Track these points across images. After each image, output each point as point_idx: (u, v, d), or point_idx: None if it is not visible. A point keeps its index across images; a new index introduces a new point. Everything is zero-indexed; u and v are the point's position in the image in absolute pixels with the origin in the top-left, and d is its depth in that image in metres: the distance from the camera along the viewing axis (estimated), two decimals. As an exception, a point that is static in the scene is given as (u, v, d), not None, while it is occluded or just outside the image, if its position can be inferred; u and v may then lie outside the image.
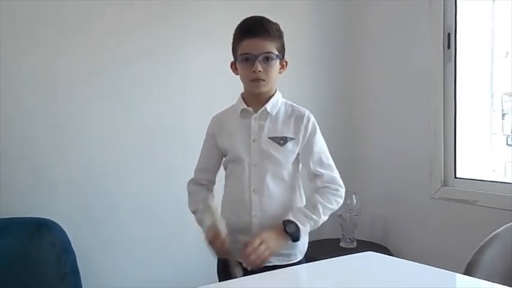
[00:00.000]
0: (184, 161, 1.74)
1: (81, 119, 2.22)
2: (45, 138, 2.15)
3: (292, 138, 1.59)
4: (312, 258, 1.56)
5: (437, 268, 1.28)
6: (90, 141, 2.24)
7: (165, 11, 2.38)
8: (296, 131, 1.60)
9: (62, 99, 2.18)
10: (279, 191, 1.59)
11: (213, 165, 1.71)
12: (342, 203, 1.63)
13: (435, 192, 2.49)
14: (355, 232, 2.65)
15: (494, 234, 1.48)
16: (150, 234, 2.36)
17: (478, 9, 2.47)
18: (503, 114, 2.52)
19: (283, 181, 1.60)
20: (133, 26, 2.31)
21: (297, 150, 1.61)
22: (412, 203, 2.62)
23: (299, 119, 1.61)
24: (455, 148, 2.45)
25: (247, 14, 1.61)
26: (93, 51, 2.23)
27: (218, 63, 2.03)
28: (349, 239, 2.64)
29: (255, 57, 1.53)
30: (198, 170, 1.72)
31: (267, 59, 1.54)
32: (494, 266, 1.42)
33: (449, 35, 2.43)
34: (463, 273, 1.36)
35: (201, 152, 1.73)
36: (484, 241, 1.47)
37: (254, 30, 1.54)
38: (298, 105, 1.66)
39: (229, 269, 1.50)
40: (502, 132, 2.51)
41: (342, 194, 1.62)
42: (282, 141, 1.58)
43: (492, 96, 2.53)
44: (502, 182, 2.31)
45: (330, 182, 1.60)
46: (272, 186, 1.58)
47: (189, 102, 2.44)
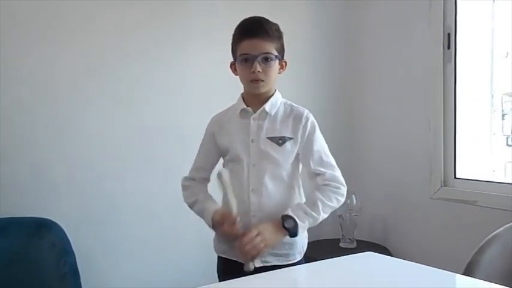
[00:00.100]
0: (184, 161, 1.74)
1: (81, 119, 2.22)
2: (45, 138, 2.15)
3: (290, 138, 1.59)
4: (312, 258, 1.56)
5: (437, 268, 1.28)
6: (90, 141, 2.24)
7: (164, 11, 2.38)
8: (295, 130, 1.60)
9: (62, 99, 2.18)
10: (277, 191, 1.59)
11: (211, 164, 1.71)
12: (343, 201, 1.62)
13: (435, 192, 2.49)
14: (355, 232, 2.65)
15: (494, 235, 1.48)
16: (150, 234, 2.36)
17: (478, 9, 2.47)
18: (503, 115, 2.52)
19: (282, 181, 1.60)
20: (133, 26, 2.31)
21: (295, 150, 1.60)
22: (412, 203, 2.62)
23: (298, 118, 1.61)
24: (455, 148, 2.45)
25: (246, 14, 1.61)
26: (93, 51, 2.23)
27: (218, 64, 2.04)
28: (349, 239, 2.64)
29: (254, 57, 1.53)
30: (195, 169, 1.72)
31: (266, 60, 1.54)
32: (494, 267, 1.42)
33: (449, 35, 2.43)
34: (463, 274, 1.36)
35: (199, 151, 1.73)
36: (483, 241, 1.47)
37: (253, 30, 1.54)
38: (297, 105, 1.66)
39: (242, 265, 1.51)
40: (502, 132, 2.51)
41: (343, 192, 1.61)
42: (280, 141, 1.58)
43: (492, 96, 2.53)
44: (502, 183, 2.31)
45: (331, 180, 1.59)
46: (271, 186, 1.58)
47: (189, 102, 2.44)
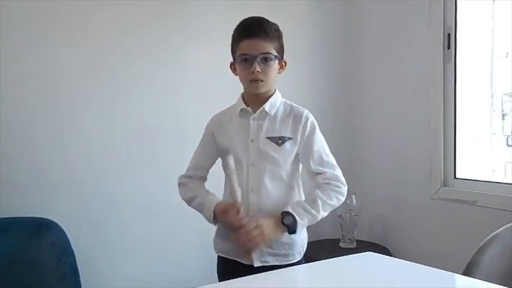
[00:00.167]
0: (184, 161, 1.73)
1: (81, 119, 2.22)
2: (45, 138, 2.15)
3: (290, 138, 1.59)
4: (312, 258, 1.56)
5: (436, 268, 1.28)
6: (90, 141, 2.24)
7: (164, 11, 2.38)
8: (294, 130, 1.60)
9: (62, 99, 2.18)
10: (277, 191, 1.59)
11: (209, 163, 1.71)
12: (343, 200, 1.62)
13: (435, 192, 2.49)
14: (355, 232, 2.65)
15: (494, 235, 1.48)
16: (150, 234, 2.36)
17: (478, 9, 2.47)
18: (503, 115, 2.52)
19: (282, 181, 1.60)
20: (133, 26, 2.31)
21: (295, 150, 1.60)
22: (411, 203, 2.62)
23: (297, 118, 1.61)
24: (455, 148, 2.45)
25: (246, 14, 1.61)
26: (92, 51, 2.23)
27: (218, 64, 2.04)
28: (349, 239, 2.64)
29: (254, 57, 1.53)
30: (193, 167, 1.71)
31: (266, 60, 1.54)
32: (494, 267, 1.42)
33: (449, 35, 2.43)
34: (463, 274, 1.35)
35: (197, 150, 1.72)
36: (483, 241, 1.47)
37: (252, 30, 1.55)
38: (297, 105, 1.66)
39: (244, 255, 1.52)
40: (502, 132, 2.51)
41: (343, 191, 1.60)
42: (279, 141, 1.58)
43: (492, 96, 2.53)
44: (501, 183, 2.31)
45: (332, 179, 1.59)
46: (270, 186, 1.58)
47: (189, 102, 2.44)
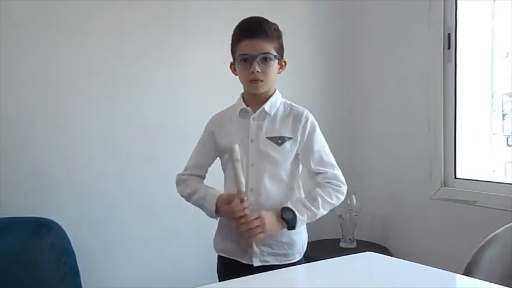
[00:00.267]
0: (184, 161, 1.73)
1: (81, 119, 2.22)
2: (45, 138, 2.15)
3: (290, 138, 1.59)
4: (312, 258, 1.56)
5: (436, 268, 1.28)
6: (90, 141, 2.24)
7: (164, 11, 2.38)
8: (294, 130, 1.60)
9: (62, 99, 2.18)
10: (276, 191, 1.59)
11: (208, 162, 1.71)
12: (343, 200, 1.63)
13: (435, 192, 2.48)
14: (355, 232, 2.65)
15: (494, 235, 1.48)
16: (150, 234, 2.36)
17: (478, 9, 2.47)
18: (503, 115, 2.52)
19: (281, 181, 1.60)
20: (132, 26, 2.31)
21: (295, 150, 1.60)
22: (412, 203, 2.62)
23: (297, 118, 1.61)
24: (455, 148, 2.45)
25: (246, 14, 1.61)
26: (92, 51, 2.23)
27: (217, 64, 2.04)
28: (349, 239, 2.64)
29: (253, 57, 1.53)
30: (192, 166, 1.71)
31: (265, 60, 1.54)
32: (494, 267, 1.42)
33: (449, 35, 2.42)
34: (463, 274, 1.36)
35: (196, 149, 1.72)
36: (483, 241, 1.47)
37: (252, 31, 1.55)
38: (297, 105, 1.66)
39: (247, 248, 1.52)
40: (502, 132, 2.51)
41: (343, 190, 1.61)
42: (279, 140, 1.58)
43: (492, 96, 2.53)
44: (502, 183, 2.30)
45: (332, 178, 1.60)
46: (270, 186, 1.58)
47: (189, 102, 2.44)
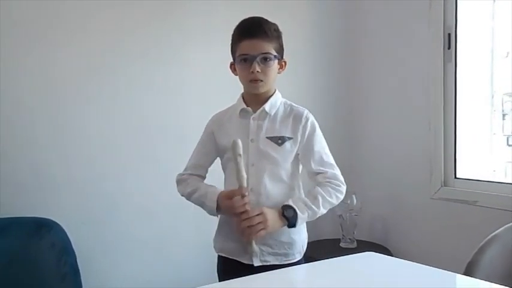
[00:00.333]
0: (184, 161, 1.73)
1: (81, 119, 2.21)
2: (45, 138, 2.15)
3: (290, 138, 1.59)
4: (312, 258, 1.56)
5: (437, 268, 1.28)
6: (90, 141, 2.24)
7: (164, 11, 2.38)
8: (294, 130, 1.60)
9: (62, 99, 2.18)
10: (277, 191, 1.59)
11: (209, 162, 1.72)
12: (342, 199, 1.64)
13: (435, 192, 2.48)
14: (355, 232, 2.65)
15: (494, 235, 1.48)
16: (150, 234, 2.36)
17: (479, 9, 2.47)
18: (503, 115, 2.52)
19: (281, 181, 1.60)
20: (132, 26, 2.31)
21: (295, 150, 1.61)
22: (412, 203, 2.61)
23: (297, 118, 1.61)
24: (455, 148, 2.45)
25: (246, 14, 1.61)
26: (92, 51, 2.22)
27: (217, 64, 2.04)
28: (349, 239, 2.64)
29: (253, 57, 1.53)
30: (192, 166, 1.71)
31: (265, 60, 1.55)
32: (494, 267, 1.42)
33: (449, 35, 2.42)
34: (463, 274, 1.36)
35: (196, 149, 1.72)
36: (484, 241, 1.47)
37: (252, 31, 1.55)
38: (297, 105, 1.67)
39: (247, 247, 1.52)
40: (503, 132, 2.50)
41: (343, 190, 1.62)
42: (279, 140, 1.59)
43: (492, 96, 2.53)
44: (502, 183, 2.30)
45: (333, 178, 1.61)
46: (270, 186, 1.58)
47: (189, 102, 2.44)
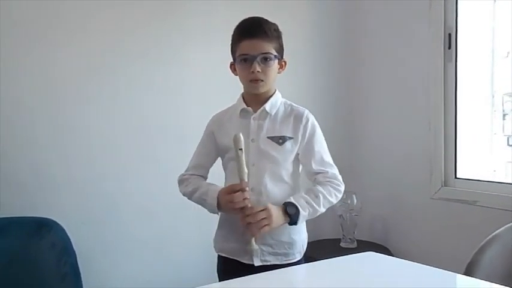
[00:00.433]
0: (184, 161, 1.74)
1: (81, 119, 2.21)
2: (45, 138, 2.15)
3: (290, 138, 1.60)
4: (312, 258, 1.56)
5: (437, 268, 1.28)
6: (90, 141, 2.24)
7: (164, 11, 2.38)
8: (295, 130, 1.61)
9: (62, 99, 2.18)
10: (277, 191, 1.59)
11: (210, 162, 1.72)
12: (342, 199, 1.66)
13: (435, 192, 2.48)
14: (356, 232, 2.65)
15: (495, 235, 1.48)
16: (150, 234, 2.36)
17: (479, 9, 2.47)
18: (504, 115, 2.52)
19: (282, 181, 1.61)
20: (132, 26, 2.31)
21: (295, 149, 1.61)
22: (412, 203, 2.61)
23: (298, 118, 1.62)
24: (455, 148, 2.45)
25: (246, 14, 1.61)
26: (92, 51, 2.22)
27: (217, 64, 2.04)
28: (350, 239, 2.64)
29: (253, 57, 1.54)
30: (193, 166, 1.71)
31: (265, 60, 1.55)
32: (495, 267, 1.42)
33: (449, 35, 2.42)
34: (463, 274, 1.36)
35: (197, 150, 1.73)
36: (484, 241, 1.47)
37: (252, 31, 1.55)
38: (297, 105, 1.67)
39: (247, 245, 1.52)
40: (503, 132, 2.50)
41: (342, 190, 1.64)
42: (280, 140, 1.59)
43: (493, 96, 2.53)
44: (502, 183, 2.30)
45: (333, 178, 1.62)
46: (270, 185, 1.58)
47: (189, 102, 2.44)
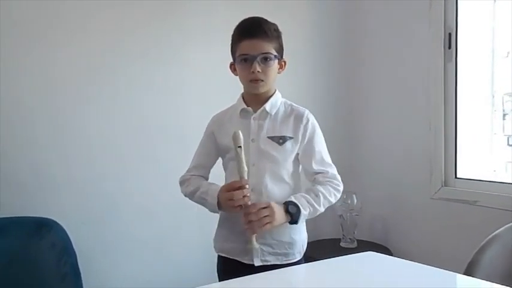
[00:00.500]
0: (184, 161, 1.74)
1: (81, 119, 2.21)
2: (45, 138, 2.15)
3: (291, 138, 1.60)
4: (312, 258, 1.56)
5: (437, 268, 1.28)
6: (90, 141, 2.24)
7: (164, 11, 2.38)
8: (295, 130, 1.61)
9: (62, 99, 2.18)
10: (277, 191, 1.59)
11: (210, 162, 1.72)
12: (341, 199, 1.66)
13: (435, 192, 2.48)
14: (356, 232, 2.65)
15: (495, 235, 1.48)
16: (150, 234, 2.36)
17: (479, 9, 2.47)
18: (504, 115, 2.51)
19: (282, 181, 1.61)
20: (132, 26, 2.31)
21: (296, 149, 1.61)
22: (412, 203, 2.61)
23: (298, 118, 1.62)
24: (455, 148, 2.45)
25: (246, 14, 1.61)
26: (92, 51, 2.22)
27: (217, 64, 2.04)
28: (350, 239, 2.64)
29: (253, 57, 1.54)
30: (194, 167, 1.71)
31: (265, 60, 1.55)
32: (495, 266, 1.42)
33: (450, 35, 2.42)
34: (464, 274, 1.36)
35: (198, 150, 1.73)
36: (484, 241, 1.47)
37: (252, 31, 1.55)
38: (297, 105, 1.67)
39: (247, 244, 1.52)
40: (503, 132, 2.50)
41: (341, 189, 1.65)
42: (281, 140, 1.59)
43: (493, 96, 2.53)
44: (502, 183, 2.30)
45: (333, 178, 1.63)
46: (271, 185, 1.58)
47: (189, 102, 2.44)
